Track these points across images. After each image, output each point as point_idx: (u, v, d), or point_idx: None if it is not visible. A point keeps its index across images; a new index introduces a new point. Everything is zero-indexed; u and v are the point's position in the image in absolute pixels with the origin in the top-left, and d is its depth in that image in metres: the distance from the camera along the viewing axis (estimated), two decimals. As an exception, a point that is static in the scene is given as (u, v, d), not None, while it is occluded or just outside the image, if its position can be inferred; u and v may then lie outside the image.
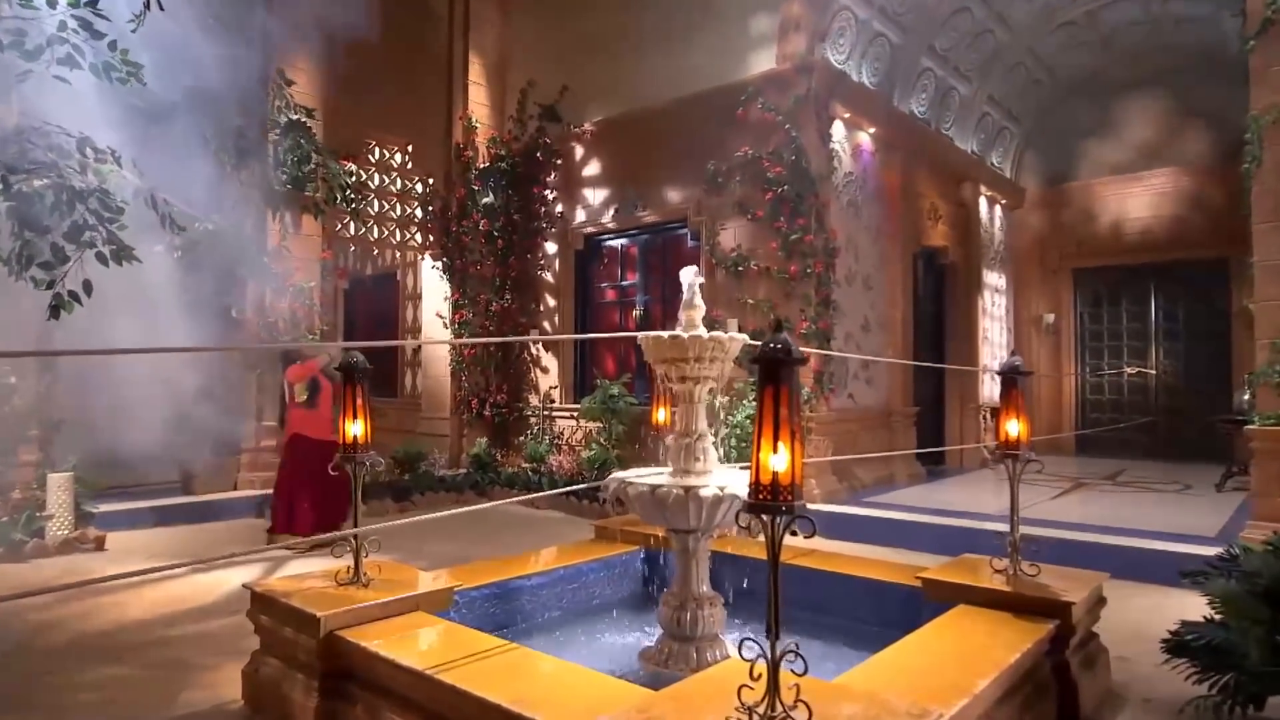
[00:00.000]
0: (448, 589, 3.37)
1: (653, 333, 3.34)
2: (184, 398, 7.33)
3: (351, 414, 3.33)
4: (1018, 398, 3.51)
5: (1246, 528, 5.35)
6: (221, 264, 6.35)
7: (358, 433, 3.33)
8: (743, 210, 7.99)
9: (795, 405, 2.00)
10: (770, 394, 2.01)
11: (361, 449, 3.35)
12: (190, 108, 5.62)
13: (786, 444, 1.98)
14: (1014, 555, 3.50)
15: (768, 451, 1.99)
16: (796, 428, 2.00)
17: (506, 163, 10.05)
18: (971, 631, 3.06)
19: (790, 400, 2.00)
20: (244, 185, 7.09)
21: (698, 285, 3.49)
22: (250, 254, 7.25)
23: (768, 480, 1.99)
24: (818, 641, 3.72)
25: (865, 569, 4.00)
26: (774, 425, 1.99)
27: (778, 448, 1.98)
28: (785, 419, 1.99)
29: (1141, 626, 4.43)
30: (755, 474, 2.01)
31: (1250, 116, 5.45)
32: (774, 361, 2.01)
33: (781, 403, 1.99)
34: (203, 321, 6.22)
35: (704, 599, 3.35)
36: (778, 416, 1.99)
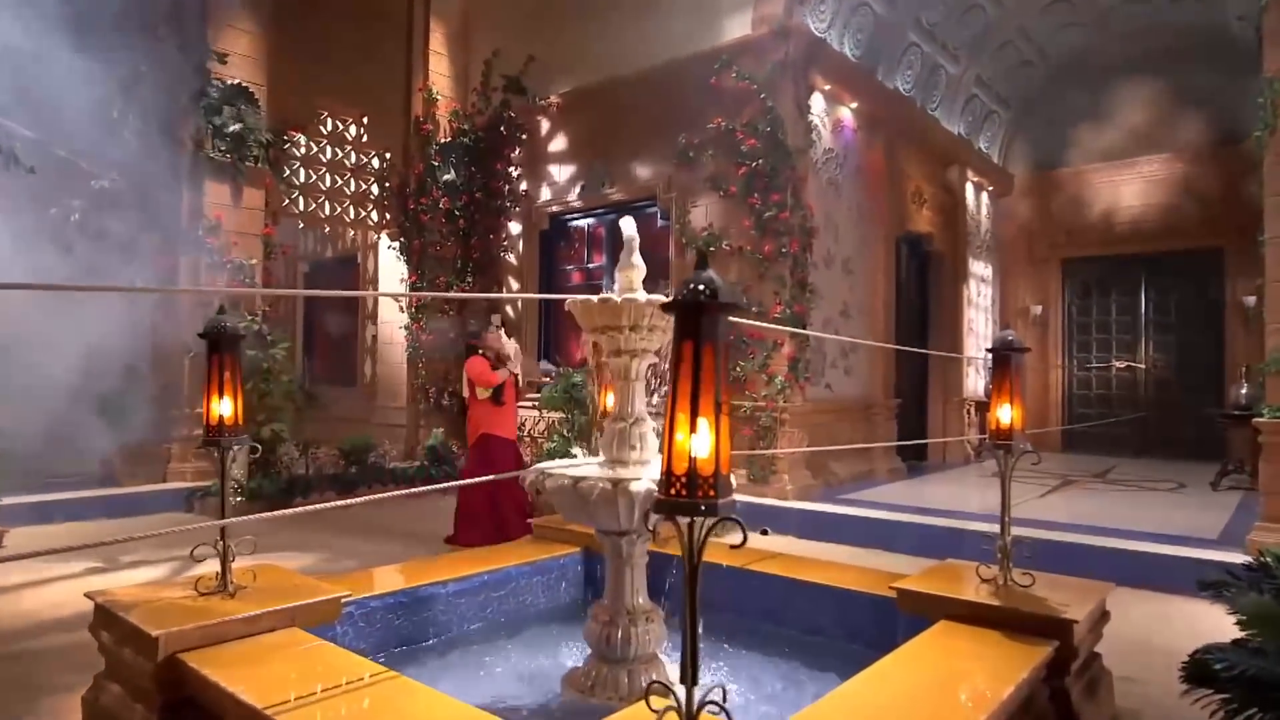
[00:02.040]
0: (334, 599, 2.82)
1: (581, 297, 2.81)
2: (102, 379, 6.73)
3: (218, 390, 2.77)
4: (1012, 379, 3.01)
5: (1255, 529, 4.89)
6: (126, 230, 5.71)
7: (225, 413, 2.78)
8: (715, 186, 7.46)
9: (721, 367, 1.47)
10: (689, 352, 1.47)
11: (230, 431, 2.80)
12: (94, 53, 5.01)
13: (710, 421, 1.45)
14: (1004, 562, 3.00)
15: (684, 431, 1.46)
16: (724, 399, 1.47)
17: (469, 137, 9.47)
18: (955, 655, 2.55)
19: (715, 361, 1.46)
20: (149, 142, 6.42)
21: (637, 241, 2.95)
22: (167, 221, 6.61)
23: (683, 470, 1.46)
24: (778, 661, 3.22)
25: (834, 576, 3.49)
26: (692, 395, 1.46)
27: (697, 425, 1.45)
28: (708, 386, 1.46)
29: (1146, 640, 3.96)
30: (667, 461, 1.48)
31: (1263, 79, 4.98)
32: (694, 308, 1.48)
33: (704, 365, 1.46)
34: (97, 297, 5.55)
35: (639, 613, 2.82)
36: (698, 383, 1.46)
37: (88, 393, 6.81)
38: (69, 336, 6.17)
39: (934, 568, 3.30)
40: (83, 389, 6.76)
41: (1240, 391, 7.86)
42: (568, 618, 3.66)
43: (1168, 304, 11.02)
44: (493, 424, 5.73)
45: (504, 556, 3.75)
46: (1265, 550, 2.87)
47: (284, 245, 8.52)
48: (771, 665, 3.19)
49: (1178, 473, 8.87)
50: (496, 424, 5.74)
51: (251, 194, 7.99)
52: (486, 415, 5.74)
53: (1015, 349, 3.00)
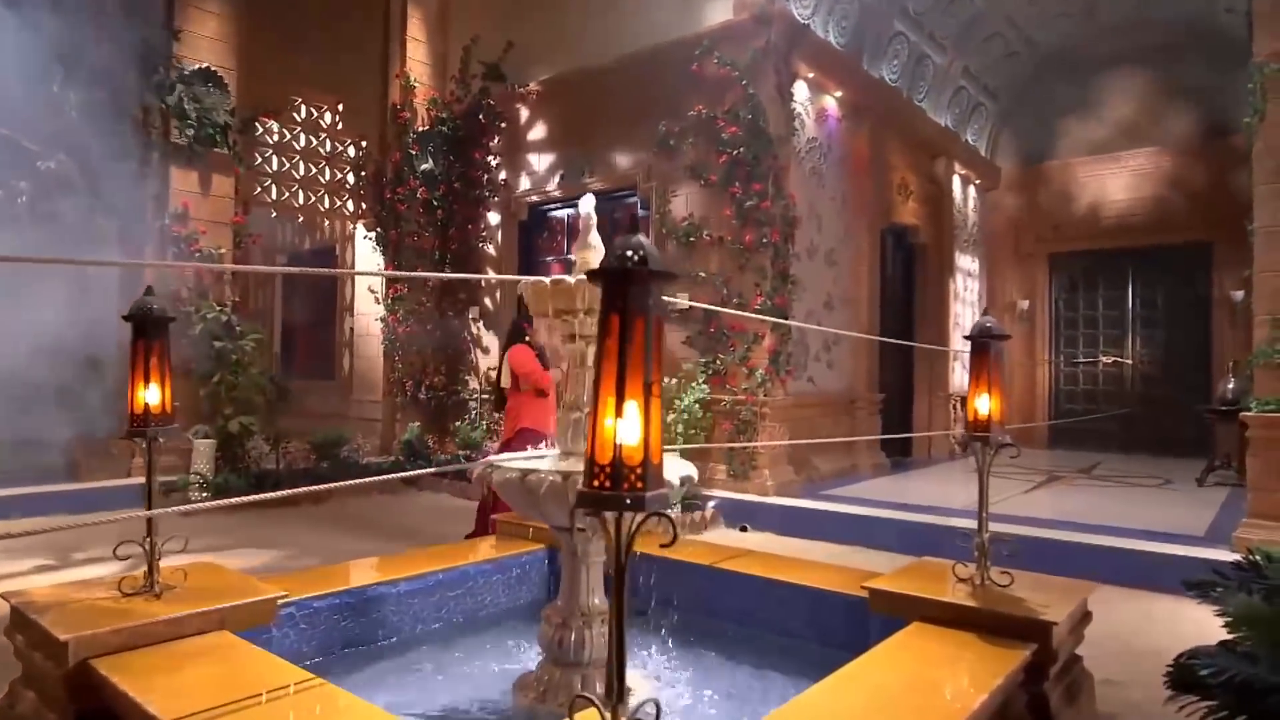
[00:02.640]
0: (269, 600, 2.65)
1: (533, 278, 2.65)
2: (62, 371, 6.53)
3: (143, 377, 2.59)
4: (990, 368, 2.85)
5: (1241, 526, 4.77)
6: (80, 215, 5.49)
7: (151, 401, 2.61)
8: (695, 175, 7.30)
9: (653, 344, 1.31)
10: (615, 326, 1.31)
11: (157, 420, 2.62)
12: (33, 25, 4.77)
13: (639, 404, 1.29)
14: (982, 561, 2.85)
15: (609, 415, 1.29)
16: (655, 379, 1.31)
17: (447, 126, 9.27)
18: (927, 659, 2.40)
19: (645, 336, 1.30)
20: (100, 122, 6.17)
21: (594, 220, 2.79)
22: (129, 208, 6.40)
23: (608, 459, 1.29)
24: (745, 664, 3.07)
25: (807, 575, 3.33)
26: (618, 375, 1.29)
27: (624, 410, 1.28)
28: (637, 365, 1.29)
29: (1129, 640, 3.83)
30: (591, 449, 1.32)
31: (1252, 65, 4.84)
32: (620, 276, 1.32)
33: (632, 340, 1.30)
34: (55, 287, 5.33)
35: (594, 614, 2.65)
36: (624, 361, 1.29)
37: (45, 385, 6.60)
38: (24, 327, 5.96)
39: (909, 566, 3.15)
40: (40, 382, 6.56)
41: (1227, 386, 7.76)
42: (529, 619, 3.47)
43: (1155, 299, 10.93)
44: (535, 418, 5.23)
45: (461, 554, 3.58)
46: (1254, 549, 2.74)
47: (254, 234, 8.30)
48: (739, 668, 3.04)
49: (1164, 469, 8.78)
50: (539, 418, 5.24)
51: (220, 181, 7.79)
52: (529, 409, 5.25)
53: (994, 336, 2.85)
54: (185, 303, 7.42)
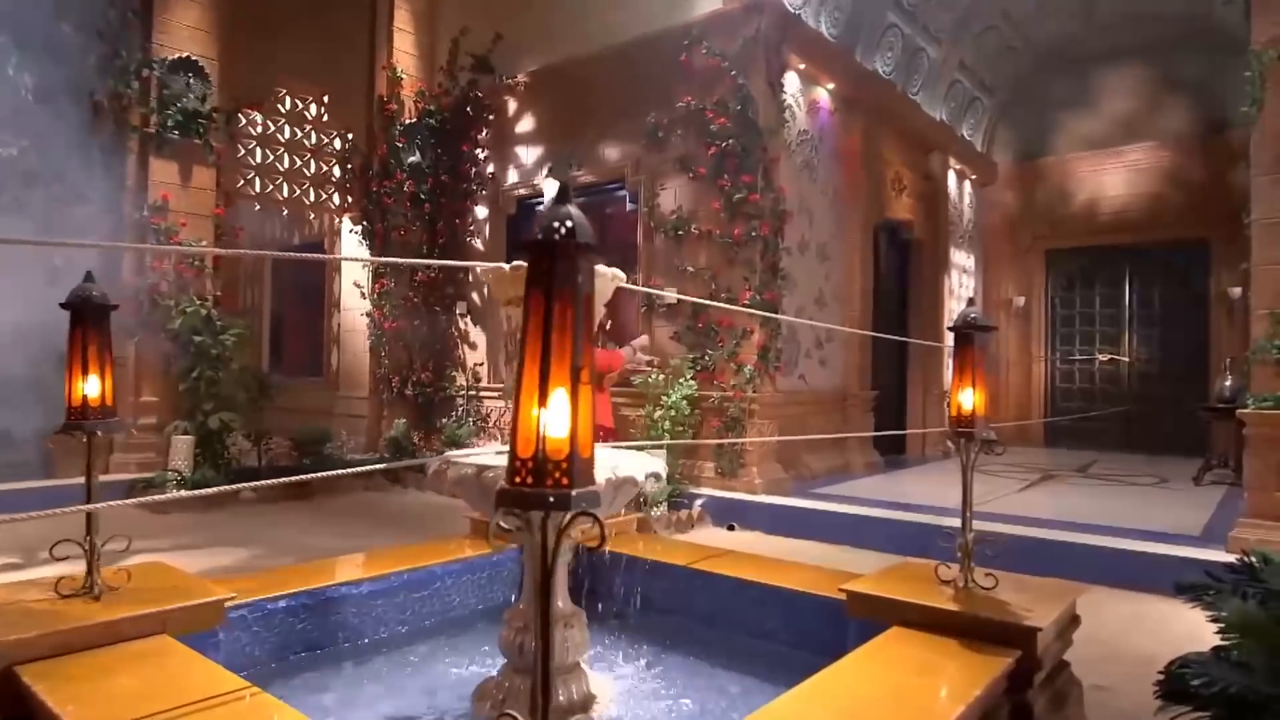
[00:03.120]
0: (215, 603, 2.52)
1: (494, 264, 2.52)
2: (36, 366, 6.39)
3: (82, 368, 2.47)
4: (974, 361, 2.73)
5: (1238, 526, 4.64)
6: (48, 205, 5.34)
7: (91, 393, 2.48)
8: (684, 168, 7.16)
9: (583, 324, 1.18)
10: (539, 304, 1.18)
11: (96, 413, 2.50)
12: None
13: (566, 391, 1.16)
14: (965, 562, 2.73)
15: (532, 404, 1.17)
16: (584, 364, 1.18)
17: (435, 118, 9.13)
18: (904, 667, 2.28)
19: (574, 316, 1.17)
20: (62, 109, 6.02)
21: (560, 205, 2.65)
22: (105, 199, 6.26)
23: (530, 453, 1.16)
24: (718, 669, 2.95)
25: (785, 575, 3.21)
26: (542, 358, 1.16)
27: (548, 398, 1.16)
28: (563, 347, 1.17)
29: (1121, 644, 3.71)
30: (514, 442, 1.19)
31: (1250, 52, 4.71)
32: (545, 248, 1.19)
33: (558, 320, 1.17)
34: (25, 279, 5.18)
35: (557, 618, 2.52)
36: (548, 343, 1.16)
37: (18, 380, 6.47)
38: (-5, 319, 5.84)
39: (890, 568, 3.03)
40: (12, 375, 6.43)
41: (1224, 384, 7.63)
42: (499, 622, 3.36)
43: (1152, 296, 10.81)
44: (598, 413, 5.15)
45: (429, 554, 3.45)
46: (1251, 550, 2.61)
47: (237, 227, 8.16)
48: (712, 672, 2.92)
49: (1161, 467, 8.66)
50: (601, 413, 5.20)
51: (201, 173, 7.65)
52: None
53: (978, 328, 2.72)
54: (165, 297, 7.29)
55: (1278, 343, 4.51)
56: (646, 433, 6.73)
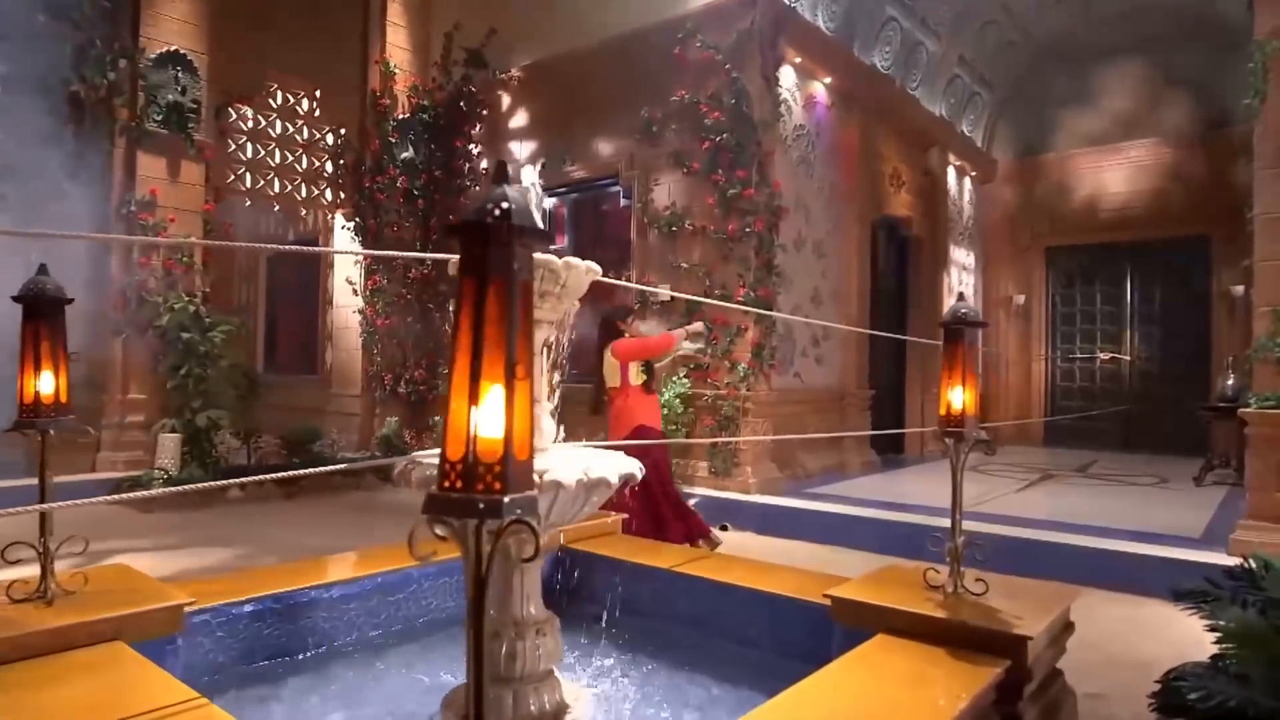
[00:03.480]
0: (173, 608, 2.42)
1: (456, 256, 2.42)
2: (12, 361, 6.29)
3: (34, 364, 2.37)
4: (965, 357, 2.63)
5: (1239, 528, 4.54)
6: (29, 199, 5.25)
7: (44, 389, 2.39)
8: (678, 163, 7.07)
9: (519, 315, 1.08)
10: (471, 292, 1.08)
11: (48, 411, 2.40)
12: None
13: (501, 387, 1.07)
14: (955, 566, 2.63)
15: (462, 404, 1.07)
16: (521, 357, 1.08)
17: (429, 113, 9.04)
18: (888, 677, 2.18)
19: (508, 306, 1.08)
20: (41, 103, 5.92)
21: (536, 195, 2.56)
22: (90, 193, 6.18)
23: (460, 455, 1.07)
24: (698, 676, 2.85)
25: (770, 579, 3.11)
26: (474, 352, 1.07)
27: (480, 394, 1.06)
28: (497, 341, 1.07)
29: (1118, 650, 3.60)
30: (444, 444, 1.09)
31: (1253, 43, 4.61)
32: (477, 231, 1.09)
33: (491, 310, 1.07)
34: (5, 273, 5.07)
35: (528, 624, 2.42)
36: (480, 335, 1.07)
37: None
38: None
39: (877, 571, 2.93)
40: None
41: (1226, 383, 7.53)
42: (476, 624, 3.27)
43: (1153, 294, 10.70)
44: (648, 414, 4.90)
45: (404, 555, 3.34)
46: (1252, 555, 2.51)
47: (226, 223, 8.07)
48: (692, 680, 2.82)
49: (1161, 467, 8.56)
50: (652, 415, 4.95)
51: (190, 168, 7.55)
52: (640, 405, 4.86)
53: (969, 323, 2.62)
54: (153, 293, 7.20)
55: (1279, 340, 4.41)
56: (639, 431, 6.62)
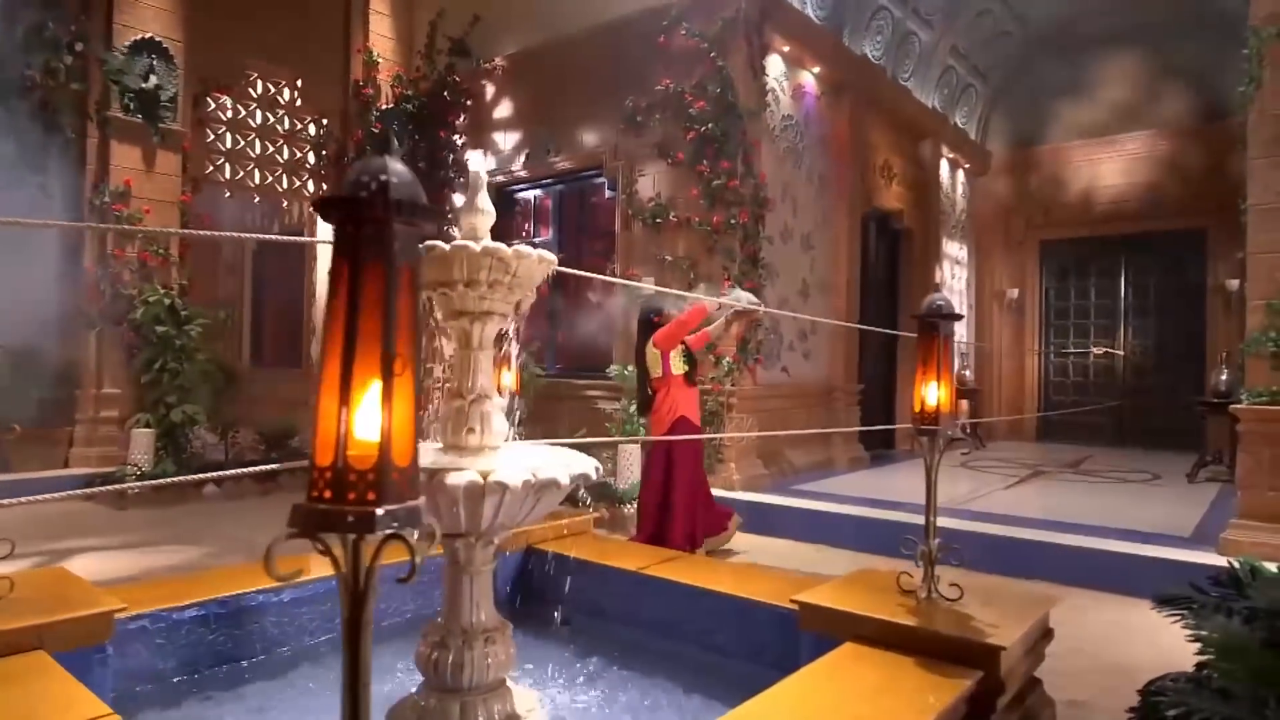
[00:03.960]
0: (102, 614, 2.30)
1: (412, 244, 2.30)
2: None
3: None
4: (939, 352, 2.51)
5: (1229, 527, 4.43)
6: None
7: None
8: (663, 153, 6.93)
9: (398, 304, 0.96)
10: (342, 277, 0.96)
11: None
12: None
13: (376, 383, 0.94)
14: (929, 571, 2.51)
15: (332, 403, 0.94)
16: (403, 350, 0.96)
17: (412, 104, 8.87)
18: (853, 690, 2.06)
19: (386, 293, 0.95)
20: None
21: (484, 179, 2.43)
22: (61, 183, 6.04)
23: (328, 461, 0.94)
24: (664, 684, 2.73)
25: (741, 583, 2.99)
26: (345, 345, 0.94)
27: (352, 394, 0.93)
28: (373, 332, 0.94)
29: (1102, 654, 3.49)
30: (313, 448, 0.97)
31: (1249, 29, 4.48)
32: (352, 209, 0.96)
33: (368, 298, 0.94)
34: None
35: (478, 632, 2.30)
36: (354, 326, 0.94)
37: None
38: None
39: (850, 576, 2.81)
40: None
41: (1220, 378, 7.41)
42: (436, 629, 3.15)
43: (1148, 287, 10.58)
44: (689, 406, 4.88)
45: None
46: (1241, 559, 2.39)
47: (204, 214, 7.92)
48: (655, 688, 2.70)
49: (1154, 463, 8.46)
50: (693, 406, 4.94)
51: (166, 158, 7.40)
52: (683, 396, 4.84)
53: (945, 316, 2.50)
54: (128, 286, 7.06)
55: (1273, 335, 4.29)
56: (621, 427, 6.51)
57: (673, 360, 4.81)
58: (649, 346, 4.84)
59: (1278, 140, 4.31)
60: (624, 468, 6.00)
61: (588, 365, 7.64)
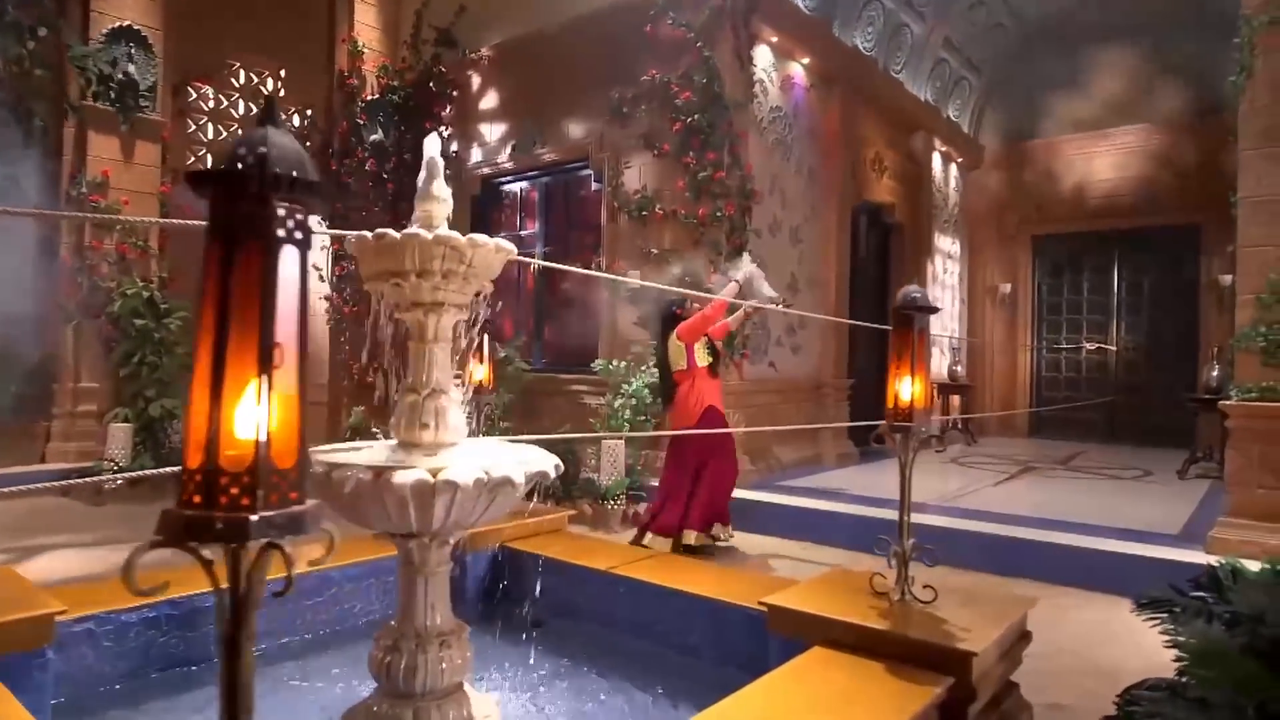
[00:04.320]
0: (39, 617, 2.21)
1: (356, 232, 2.21)
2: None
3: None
4: (914, 346, 2.42)
5: (1217, 525, 4.35)
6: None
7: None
8: (649, 145, 6.82)
9: (273, 287, 0.87)
10: (214, 260, 0.86)
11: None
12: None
13: (252, 376, 0.85)
14: (902, 572, 2.43)
15: (203, 399, 0.85)
16: (285, 340, 0.87)
17: (398, 95, 8.76)
18: (820, 695, 1.98)
19: (264, 278, 0.86)
20: None
21: (441, 166, 2.34)
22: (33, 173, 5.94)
23: (198, 463, 0.85)
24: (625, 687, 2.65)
25: (712, 583, 2.91)
26: (216, 336, 0.85)
27: (225, 389, 0.84)
28: (248, 321, 0.85)
29: (1086, 655, 3.42)
30: (187, 448, 0.88)
31: (1241, 18, 4.39)
32: (224, 184, 0.87)
33: (242, 285, 0.85)
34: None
35: (433, 635, 2.21)
36: (226, 314, 0.85)
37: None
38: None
39: (823, 576, 2.73)
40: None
41: (1211, 374, 7.34)
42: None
43: (1141, 283, 10.50)
44: (715, 397, 5.01)
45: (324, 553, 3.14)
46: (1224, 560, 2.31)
47: (185, 205, 7.80)
48: (619, 691, 2.63)
49: (1146, 460, 8.39)
50: (719, 397, 5.06)
51: (145, 149, 7.30)
52: (708, 387, 4.97)
53: (920, 308, 2.41)
54: (106, 278, 6.96)
55: (1262, 330, 4.21)
56: (606, 422, 6.42)
57: (698, 353, 4.93)
58: (673, 339, 4.94)
59: (1269, 132, 4.23)
60: (607, 464, 5.91)
61: (575, 360, 7.56)
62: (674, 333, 4.94)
